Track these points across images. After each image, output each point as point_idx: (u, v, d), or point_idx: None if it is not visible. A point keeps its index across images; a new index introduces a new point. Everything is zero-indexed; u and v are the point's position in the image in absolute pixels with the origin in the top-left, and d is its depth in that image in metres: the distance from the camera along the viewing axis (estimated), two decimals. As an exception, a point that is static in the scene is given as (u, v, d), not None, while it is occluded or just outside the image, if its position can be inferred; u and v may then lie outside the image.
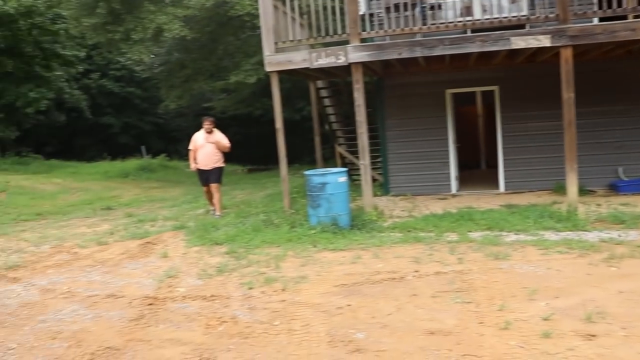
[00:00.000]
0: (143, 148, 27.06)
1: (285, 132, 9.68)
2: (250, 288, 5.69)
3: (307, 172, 8.62)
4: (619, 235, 7.09)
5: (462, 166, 13.95)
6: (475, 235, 7.52)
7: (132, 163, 23.19)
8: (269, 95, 23.15)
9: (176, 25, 15.96)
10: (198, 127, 10.51)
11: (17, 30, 21.79)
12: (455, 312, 4.71)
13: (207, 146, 10.13)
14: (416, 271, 5.98)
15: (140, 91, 34.81)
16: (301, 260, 6.70)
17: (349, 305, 5.02)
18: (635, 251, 6.28)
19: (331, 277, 5.96)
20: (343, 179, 8.39)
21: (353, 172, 13.34)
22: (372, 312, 4.80)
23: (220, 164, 10.31)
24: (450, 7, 9.83)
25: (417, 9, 9.85)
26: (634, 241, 6.76)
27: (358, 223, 8.39)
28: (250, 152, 30.15)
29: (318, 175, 8.36)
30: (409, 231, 7.98)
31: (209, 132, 10.17)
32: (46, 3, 21.25)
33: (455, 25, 8.98)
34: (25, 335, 4.68)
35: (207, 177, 10.22)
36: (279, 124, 9.54)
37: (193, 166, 10.40)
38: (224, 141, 10.24)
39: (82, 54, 27.40)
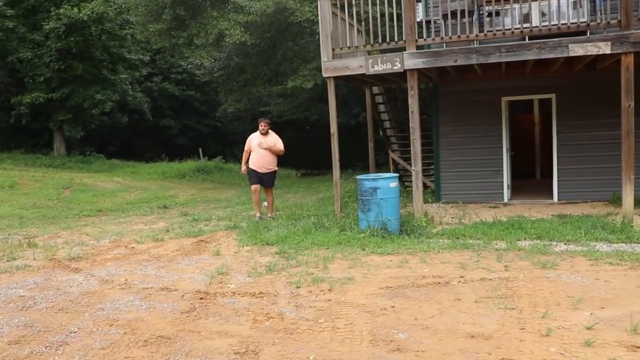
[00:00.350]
0: (200, 150, 27.73)
1: (339, 138, 9.81)
2: (298, 287, 5.84)
3: (359, 177, 8.73)
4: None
5: (516, 175, 13.78)
6: (524, 243, 7.46)
7: (189, 164, 23.85)
8: (325, 100, 23.42)
9: (237, 31, 16.36)
10: (254, 131, 10.49)
11: (88, 35, 22.80)
12: (498, 317, 4.72)
13: (262, 149, 10.09)
14: (461, 277, 6.00)
15: (200, 94, 35.72)
16: (349, 263, 6.81)
17: (392, 307, 5.10)
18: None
19: (377, 279, 6.05)
20: (394, 184, 8.46)
21: (405, 179, 13.38)
22: (415, 314, 4.87)
23: (275, 167, 10.27)
24: (508, 14, 9.77)
25: (475, 16, 9.83)
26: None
27: (407, 228, 8.44)
28: (304, 156, 30.49)
29: (370, 180, 8.46)
30: (457, 238, 7.98)
31: (265, 133, 10.07)
32: (116, 10, 22.15)
33: (513, 33, 8.93)
34: (85, 321, 4.97)
35: (260, 179, 10.14)
36: (333, 128, 9.69)
37: (244, 168, 10.35)
38: (279, 144, 10.16)
39: (147, 58, 28.37)
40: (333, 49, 9.35)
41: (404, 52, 8.87)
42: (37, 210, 13.27)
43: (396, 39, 9.08)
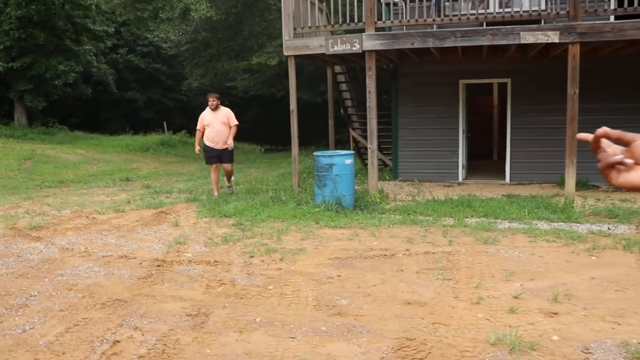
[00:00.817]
0: (165, 124, 27.65)
1: (306, 115, 10.08)
2: (251, 257, 6.14)
3: (316, 153, 9.02)
4: (609, 228, 7.39)
5: (474, 156, 14.24)
6: (471, 221, 7.88)
7: (153, 138, 23.82)
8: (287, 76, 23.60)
9: (203, 5, 16.38)
10: (221, 105, 10.03)
11: (50, 4, 22.42)
12: (435, 287, 5.10)
13: (216, 124, 9.69)
14: (407, 250, 6.38)
15: (166, 68, 35.40)
16: (302, 235, 7.14)
17: (338, 276, 5.44)
18: (619, 243, 6.58)
19: (327, 251, 6.39)
20: (349, 161, 8.78)
21: (366, 157, 13.71)
22: (359, 283, 5.22)
23: (231, 144, 9.85)
24: (467, 0, 10.11)
25: (433, 1, 10.12)
26: (621, 234, 7.06)
27: (361, 204, 8.79)
28: (270, 132, 30.56)
29: (326, 156, 8.76)
30: (408, 214, 8.37)
31: (214, 108, 9.74)
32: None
33: (468, 19, 9.23)
34: (45, 285, 5.19)
35: (218, 155, 9.79)
36: (293, 105, 9.93)
37: (198, 148, 9.97)
38: (233, 118, 9.82)
39: (111, 29, 27.99)
40: (295, 28, 9.56)
41: (363, 33, 9.13)
42: (-2, 180, 13.26)
43: (356, 21, 9.33)
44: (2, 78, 23.66)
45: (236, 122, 9.85)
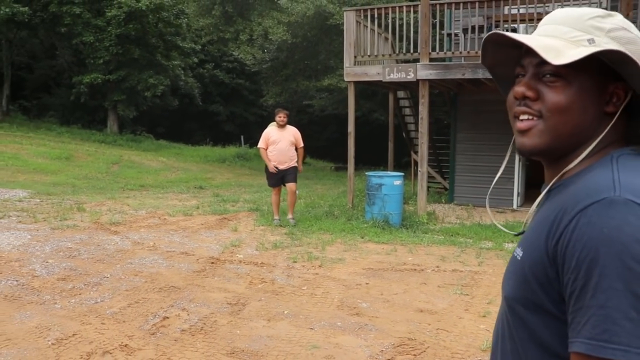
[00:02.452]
0: (242, 137, 29.04)
1: (378, 136, 10.74)
2: (294, 261, 6.91)
3: (367, 173, 9.72)
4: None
5: (532, 185, 14.44)
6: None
7: (230, 150, 25.20)
8: (367, 97, 24.41)
9: (280, 29, 17.50)
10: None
11: (146, 23, 24.40)
12: (450, 300, 5.68)
13: (283, 142, 9.16)
14: (437, 267, 6.95)
15: (249, 84, 37.04)
16: (345, 247, 7.85)
17: (366, 284, 6.11)
18: None
19: (364, 262, 7.06)
20: (398, 182, 9.42)
21: (429, 180, 14.25)
22: (382, 291, 5.88)
23: (296, 162, 9.36)
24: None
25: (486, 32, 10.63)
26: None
27: (407, 223, 9.40)
28: (345, 151, 31.38)
29: (376, 176, 9.44)
30: (450, 235, 8.89)
31: (282, 125, 9.21)
32: (173, 0, 23.64)
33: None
34: (116, 270, 6.17)
35: (282, 176, 9.18)
36: (350, 128, 10.69)
37: (273, 165, 9.11)
38: (301, 139, 9.40)
39: (199, 47, 29.83)
40: (355, 56, 10.34)
41: (417, 63, 9.79)
42: (88, 181, 14.74)
43: (412, 51, 10.00)
44: (100, 89, 25.80)
45: (302, 144, 9.43)
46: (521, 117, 1.09)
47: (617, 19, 1.05)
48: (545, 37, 1.06)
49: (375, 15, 10.52)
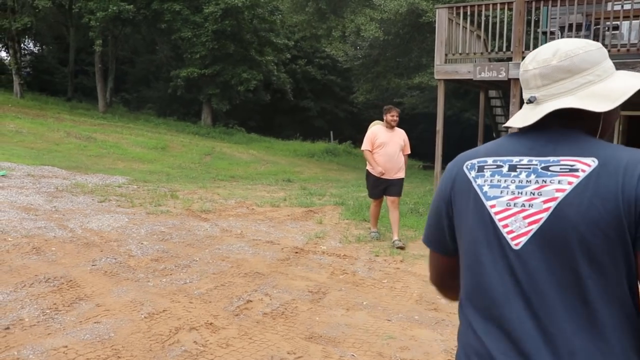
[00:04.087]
0: (331, 133, 29.34)
1: (469, 136, 10.61)
2: (377, 255, 6.99)
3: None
4: None
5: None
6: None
7: (319, 145, 25.53)
8: (459, 97, 24.04)
9: (372, 26, 17.56)
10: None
11: (241, 19, 25.18)
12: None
13: (392, 146, 7.61)
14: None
15: (340, 80, 37.30)
16: (427, 244, 7.83)
17: (447, 280, 6.10)
18: None
19: (445, 259, 7.03)
20: (485, 182, 9.26)
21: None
22: (463, 288, 5.85)
23: (404, 171, 7.88)
24: (627, 29, 10.06)
25: (583, 30, 10.22)
26: None
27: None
28: (434, 150, 30.99)
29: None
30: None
31: (392, 127, 7.69)
32: (268, -3, 24.33)
33: (628, 50, 9.25)
34: (205, 255, 6.49)
35: (386, 187, 7.69)
36: (439, 126, 10.63)
37: (379, 170, 7.59)
38: (408, 144, 7.91)
39: (292, 43, 30.39)
40: (446, 54, 10.25)
41: (510, 62, 9.59)
42: (182, 170, 15.44)
43: (504, 50, 9.80)
44: (195, 82, 26.87)
45: (409, 151, 7.96)
46: None
47: None
48: None
49: (468, 13, 10.38)
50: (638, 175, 1.19)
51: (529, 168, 1.30)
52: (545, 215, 1.24)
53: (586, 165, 1.24)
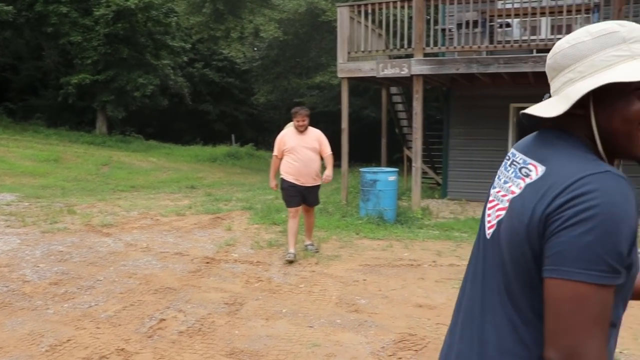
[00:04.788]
0: (233, 136, 28.91)
1: (374, 132, 10.63)
2: (290, 262, 6.82)
3: (362, 169, 9.66)
4: None
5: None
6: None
7: (221, 149, 25.05)
8: (358, 94, 24.32)
9: (272, 27, 17.39)
10: (289, 120, 7.38)
11: (135, 22, 24.17)
12: (448, 294, 5.63)
13: (303, 150, 6.93)
14: (434, 261, 6.90)
15: (239, 82, 36.86)
16: (341, 244, 7.78)
17: (364, 280, 6.05)
18: None
19: (360, 258, 7.00)
20: (392, 178, 9.36)
21: (422, 175, 14.20)
22: (380, 287, 5.81)
23: (320, 178, 7.16)
24: (519, 27, 10.50)
25: (479, 28, 10.58)
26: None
27: (402, 219, 9.34)
28: (337, 148, 31.27)
29: (370, 172, 9.38)
30: (445, 230, 8.85)
31: (302, 130, 7.00)
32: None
33: (520, 46, 9.62)
34: (109, 273, 6.06)
35: (304, 196, 7.05)
36: (344, 124, 10.62)
37: (274, 183, 7.17)
38: (327, 144, 7.19)
39: (188, 46, 29.62)
40: (348, 52, 10.26)
41: (411, 58, 9.73)
42: (78, 183, 14.56)
43: (406, 46, 9.94)
44: (88, 89, 25.55)
45: (330, 151, 7.22)
46: None
47: None
48: None
49: (369, 11, 10.44)
50: (553, 197, 1.12)
51: (516, 165, 1.31)
52: (503, 212, 1.26)
53: (535, 173, 1.21)
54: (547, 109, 1.23)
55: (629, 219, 1.06)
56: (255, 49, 25.14)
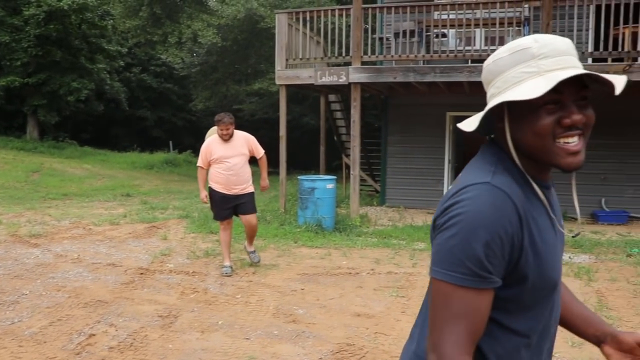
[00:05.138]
0: (170, 143, 28.42)
1: (313, 139, 10.56)
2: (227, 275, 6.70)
3: (300, 177, 9.63)
4: (569, 257, 7.87)
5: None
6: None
7: (158, 156, 24.56)
8: (297, 102, 24.32)
9: (210, 32, 17.18)
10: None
11: (68, 24, 23.38)
12: (387, 302, 5.65)
13: (232, 158, 6.55)
14: (372, 269, 6.92)
15: (177, 88, 36.27)
16: (279, 252, 7.71)
17: (302, 290, 6.00)
18: (572, 271, 7.05)
19: (298, 267, 6.95)
20: (331, 185, 9.37)
21: (360, 183, 14.28)
22: (318, 296, 5.78)
23: (252, 185, 6.87)
24: (454, 37, 10.73)
25: (416, 37, 10.76)
26: (579, 263, 7.55)
27: (341, 227, 9.36)
28: (276, 155, 31.22)
29: (309, 180, 9.36)
30: (384, 237, 8.92)
31: (227, 139, 6.56)
32: (97, 1, 22.76)
33: (456, 56, 9.84)
34: (36, 286, 5.80)
35: (236, 206, 6.67)
36: (282, 132, 10.57)
37: (204, 194, 6.72)
38: (257, 145, 6.87)
39: (125, 50, 28.93)
40: (287, 59, 10.23)
41: (349, 66, 9.79)
42: (5, 191, 13.94)
43: (344, 54, 10.00)
44: (18, 93, 24.55)
45: (263, 151, 6.91)
46: (571, 140, 1.20)
47: None
48: (580, 70, 1.17)
49: (308, 18, 10.46)
50: (441, 205, 1.23)
51: None
52: None
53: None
54: (468, 123, 1.29)
55: (491, 227, 1.14)
56: (194, 54, 24.79)
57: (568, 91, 1.18)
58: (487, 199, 1.16)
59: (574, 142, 1.20)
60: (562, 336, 4.69)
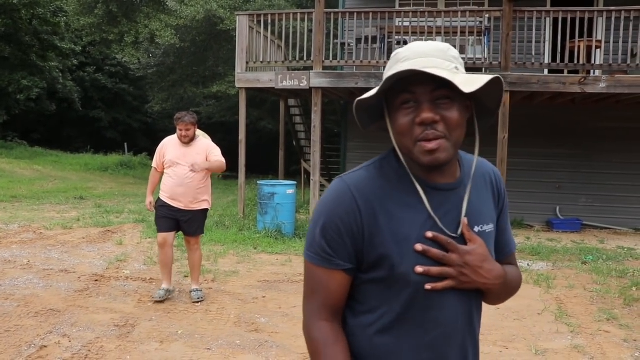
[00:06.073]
0: (125, 145, 27.85)
1: (273, 143, 10.45)
2: (186, 276, 6.53)
3: (259, 182, 9.51)
4: (528, 265, 7.97)
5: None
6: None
7: (113, 158, 24.01)
8: (256, 105, 24.12)
9: (168, 33, 16.88)
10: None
11: (18, 19, 22.64)
12: (349, 310, 5.58)
13: (181, 167, 5.57)
14: (333, 276, 6.85)
15: (133, 89, 35.58)
16: (238, 259, 7.57)
17: (263, 297, 5.89)
18: (532, 278, 7.15)
19: (259, 274, 6.83)
20: (291, 191, 9.28)
21: (320, 188, 14.22)
22: (280, 304, 5.67)
23: (207, 201, 5.86)
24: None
25: (378, 44, 10.78)
26: (537, 270, 7.65)
27: (301, 232, 9.27)
28: (234, 159, 30.91)
29: (268, 185, 9.25)
30: (344, 244, 8.85)
31: (187, 142, 5.63)
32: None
33: (414, 62, 9.86)
34: (-18, 294, 5.51)
35: (179, 221, 5.66)
36: (242, 135, 10.43)
37: (150, 201, 5.88)
38: (218, 156, 5.77)
39: (79, 48, 28.21)
40: (247, 62, 10.11)
41: (310, 71, 9.72)
42: (-50, 192, 13.38)
43: (305, 59, 9.93)
44: (-38, 89, 23.71)
45: (222, 159, 5.81)
46: (429, 138, 1.24)
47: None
48: (435, 69, 1.19)
49: (269, 21, 10.36)
50: None
51: None
52: None
53: None
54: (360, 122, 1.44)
55: (328, 215, 1.30)
56: (151, 55, 24.31)
57: (420, 91, 1.23)
58: (332, 192, 1.33)
59: (431, 138, 1.24)
60: (526, 344, 4.72)
